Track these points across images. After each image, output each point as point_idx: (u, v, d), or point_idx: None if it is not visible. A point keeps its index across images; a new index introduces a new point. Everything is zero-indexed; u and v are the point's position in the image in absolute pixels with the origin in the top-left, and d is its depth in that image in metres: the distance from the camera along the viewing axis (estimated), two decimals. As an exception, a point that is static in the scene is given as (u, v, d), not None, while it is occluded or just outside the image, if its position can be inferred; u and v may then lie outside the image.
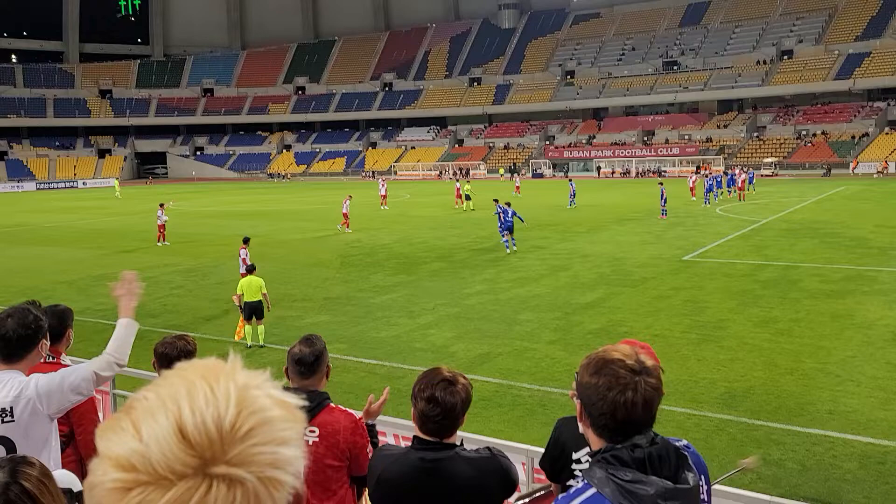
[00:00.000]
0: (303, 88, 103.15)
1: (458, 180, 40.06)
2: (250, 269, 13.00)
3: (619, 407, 1.71)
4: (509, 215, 22.01)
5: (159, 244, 25.92)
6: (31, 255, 24.75)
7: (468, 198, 37.15)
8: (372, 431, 3.62)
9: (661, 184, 32.38)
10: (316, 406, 3.35)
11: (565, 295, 15.83)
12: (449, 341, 12.52)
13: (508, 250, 21.92)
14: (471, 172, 75.50)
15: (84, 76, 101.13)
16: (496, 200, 23.89)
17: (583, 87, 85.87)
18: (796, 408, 9.04)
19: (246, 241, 16.29)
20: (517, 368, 10.89)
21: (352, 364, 11.33)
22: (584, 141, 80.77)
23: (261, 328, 12.50)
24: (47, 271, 21.11)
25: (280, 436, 0.72)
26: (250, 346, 12.36)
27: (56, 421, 3.23)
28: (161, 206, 26.84)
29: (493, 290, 16.60)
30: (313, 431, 3.30)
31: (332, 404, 3.47)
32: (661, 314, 13.90)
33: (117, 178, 73.30)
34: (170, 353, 3.74)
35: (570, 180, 39.53)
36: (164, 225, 26.38)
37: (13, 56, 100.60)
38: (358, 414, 3.56)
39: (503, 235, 22.36)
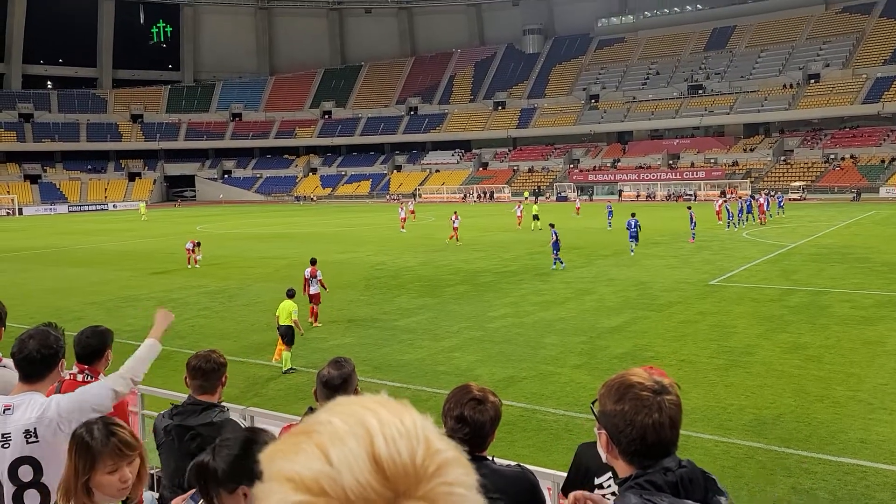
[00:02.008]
0: (329, 113, 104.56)
1: (518, 204, 42.48)
2: (289, 294, 13.21)
3: (649, 430, 1.72)
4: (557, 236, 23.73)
5: (189, 266, 26.17)
6: (61, 276, 25.24)
7: (536, 218, 39.03)
8: None
9: (690, 207, 32.18)
10: None
11: (591, 319, 15.73)
12: (473, 364, 12.48)
13: (555, 266, 23.15)
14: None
15: (116, 101, 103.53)
16: (552, 225, 24.46)
17: (607, 110, 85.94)
18: (827, 436, 8.87)
19: (313, 261, 16.37)
20: (542, 392, 10.82)
21: (376, 387, 11.34)
22: (608, 164, 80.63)
23: (286, 354, 12.56)
24: (77, 292, 21.50)
25: (464, 479, 0.70)
26: (285, 371, 12.41)
27: None
28: (197, 245, 26.41)
29: (517, 313, 16.55)
30: None
31: None
32: (687, 339, 13.75)
33: (143, 202, 74.57)
34: (203, 367, 3.82)
35: (608, 203, 42.42)
36: (191, 251, 26.42)
37: (48, 82, 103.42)
38: None
39: (555, 255, 23.48)
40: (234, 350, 14.02)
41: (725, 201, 40.13)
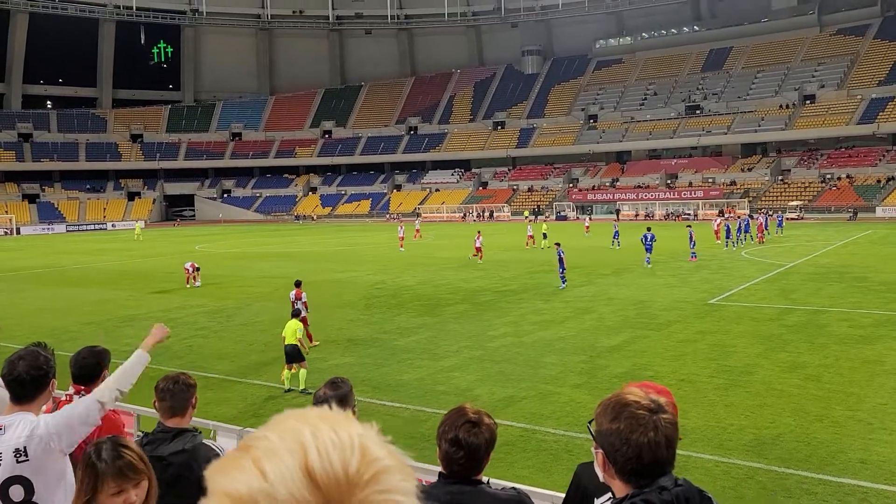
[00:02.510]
0: (329, 132, 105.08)
1: (529, 222, 42.53)
2: (295, 314, 13.35)
3: (644, 448, 1.72)
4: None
5: (188, 286, 26.17)
6: (59, 296, 25.22)
7: (545, 236, 40.23)
8: None
9: (690, 226, 32.30)
10: None
11: (590, 338, 15.73)
12: (473, 384, 12.46)
13: (563, 286, 23.13)
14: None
15: (116, 121, 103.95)
16: (558, 244, 24.44)
17: (606, 130, 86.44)
18: (827, 456, 8.85)
19: (297, 283, 16.27)
20: (542, 412, 10.80)
21: (375, 407, 11.32)
22: (607, 184, 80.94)
23: (302, 371, 12.50)
24: (75, 312, 21.46)
25: (400, 486, 0.72)
26: (288, 391, 12.38)
27: (70, 455, 3.27)
28: (197, 269, 26.51)
29: (517, 332, 16.54)
30: None
31: None
32: (686, 358, 13.75)
33: (138, 221, 74.52)
34: (172, 388, 3.73)
35: (615, 222, 43.34)
36: (190, 271, 26.47)
37: (48, 102, 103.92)
38: None
39: (562, 274, 23.54)
40: (232, 370, 13.98)
41: (724, 220, 40.26)
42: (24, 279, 30.87)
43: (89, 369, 3.91)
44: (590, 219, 57.46)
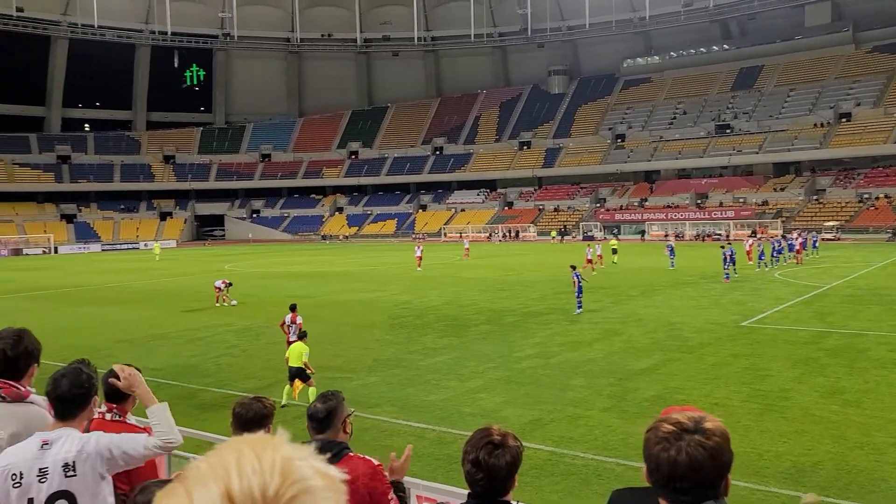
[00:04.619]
0: (356, 153, 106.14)
1: (588, 245, 39.53)
2: (300, 336, 13.33)
3: (663, 464, 1.68)
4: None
5: (217, 305, 26.41)
6: (92, 314, 25.65)
7: (615, 251, 41.53)
8: (399, 487, 3.68)
9: (724, 247, 31.81)
10: (334, 455, 3.42)
11: (619, 360, 15.49)
12: (499, 406, 12.32)
13: (577, 312, 22.25)
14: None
15: (149, 143, 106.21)
16: (573, 267, 24.01)
17: (634, 150, 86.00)
18: (868, 484, 8.54)
19: (293, 307, 15.68)
20: (570, 436, 10.61)
21: (401, 428, 11.23)
22: (635, 203, 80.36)
23: (312, 389, 12.53)
24: (108, 330, 21.77)
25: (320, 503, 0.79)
26: (283, 406, 12.39)
27: (113, 479, 3.29)
28: (228, 284, 26.86)
29: (544, 353, 16.37)
30: None
31: (351, 453, 3.56)
32: (719, 382, 13.45)
33: (157, 241, 75.45)
34: (244, 415, 3.80)
35: (669, 241, 44.06)
36: (220, 290, 26.75)
37: (86, 125, 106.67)
38: (377, 462, 3.61)
39: (578, 299, 22.79)
40: (256, 388, 14.03)
41: (757, 241, 39.60)
42: (61, 297, 31.47)
43: (120, 387, 3.93)
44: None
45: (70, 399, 3.24)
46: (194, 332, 20.64)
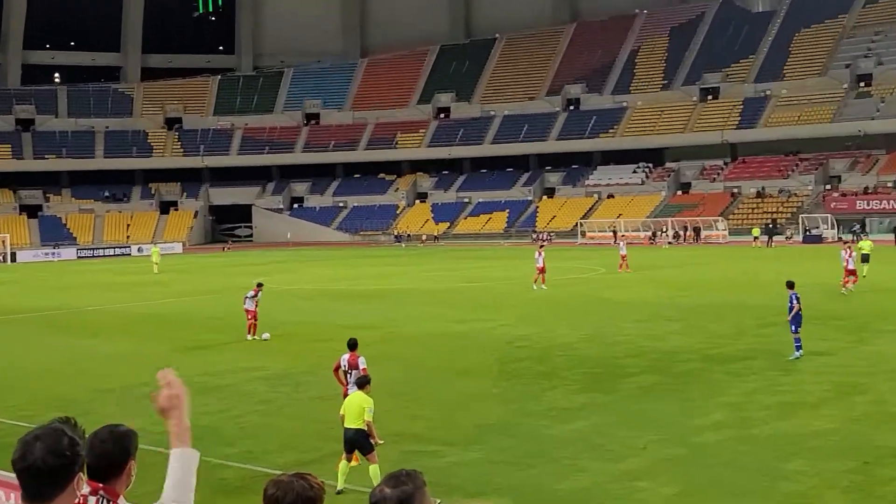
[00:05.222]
0: (446, 110, 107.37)
1: (847, 248, 38.00)
2: (361, 383, 13.25)
3: None
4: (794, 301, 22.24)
5: (249, 338, 27.14)
6: (67, 349, 26.84)
7: (866, 259, 40.18)
8: None
9: None
10: None
11: (864, 432, 14.98)
12: (672, 500, 12.17)
13: (797, 354, 21.62)
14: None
15: (146, 100, 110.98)
16: (791, 285, 22.90)
17: (886, 98, 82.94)
18: None
19: (352, 345, 15.80)
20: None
21: (516, 530, 11.20)
22: (889, 184, 77.51)
23: (373, 468, 12.60)
24: (87, 374, 22.70)
25: None
26: (339, 492, 12.49)
27: None
28: (258, 286, 28.10)
29: (741, 421, 16.01)
30: None
31: None
32: None
33: (155, 245, 77.41)
34: (282, 499, 3.82)
35: None
36: (255, 312, 27.54)
37: (56, 75, 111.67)
38: None
39: (796, 336, 22.00)
40: (297, 463, 14.28)
41: None
42: (23, 325, 33.16)
43: (110, 459, 3.99)
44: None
45: (45, 473, 3.28)
46: (209, 380, 21.26)
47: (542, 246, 45.53)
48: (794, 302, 22.31)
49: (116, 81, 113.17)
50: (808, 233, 73.05)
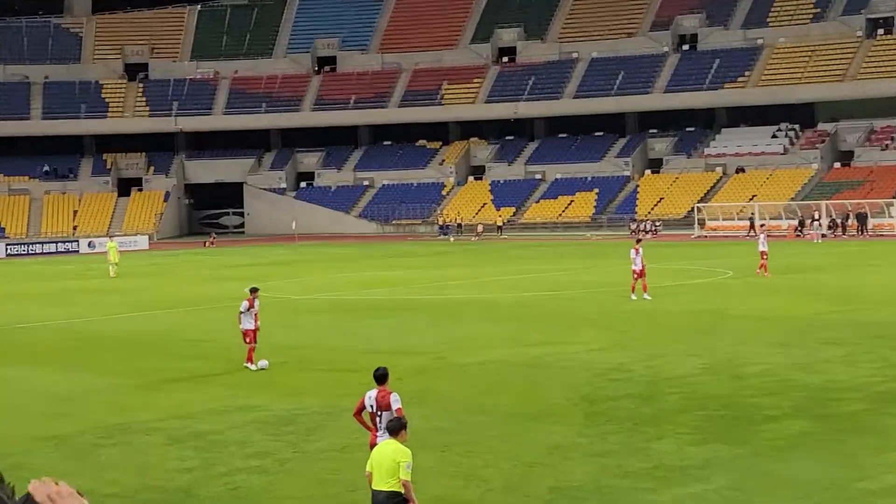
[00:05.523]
0: (511, 52, 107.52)
1: None
2: (394, 429, 13.09)
3: None
4: None
5: (252, 367, 27.20)
6: (-8, 380, 27.20)
7: None
8: None
9: None
10: None
11: None
12: None
13: None
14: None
15: (97, 39, 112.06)
16: None
17: None
18: None
19: (380, 377, 15.75)
20: None
21: None
22: None
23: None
24: (20, 415, 22.94)
25: None
26: None
27: None
28: (253, 292, 28.38)
29: (925, 485, 15.86)
30: None
31: None
32: None
33: (112, 238, 77.24)
34: None
35: None
36: (255, 332, 27.62)
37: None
38: None
39: None
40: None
41: None
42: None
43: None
44: None
45: None
46: (186, 424, 21.40)
47: (639, 241, 45.33)
48: None
49: (59, 14, 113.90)
50: None
